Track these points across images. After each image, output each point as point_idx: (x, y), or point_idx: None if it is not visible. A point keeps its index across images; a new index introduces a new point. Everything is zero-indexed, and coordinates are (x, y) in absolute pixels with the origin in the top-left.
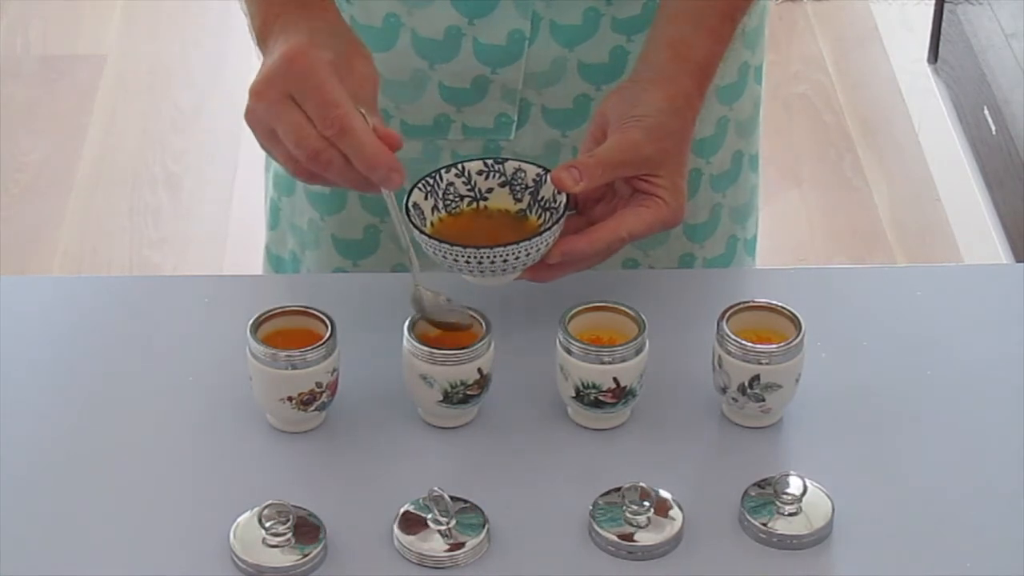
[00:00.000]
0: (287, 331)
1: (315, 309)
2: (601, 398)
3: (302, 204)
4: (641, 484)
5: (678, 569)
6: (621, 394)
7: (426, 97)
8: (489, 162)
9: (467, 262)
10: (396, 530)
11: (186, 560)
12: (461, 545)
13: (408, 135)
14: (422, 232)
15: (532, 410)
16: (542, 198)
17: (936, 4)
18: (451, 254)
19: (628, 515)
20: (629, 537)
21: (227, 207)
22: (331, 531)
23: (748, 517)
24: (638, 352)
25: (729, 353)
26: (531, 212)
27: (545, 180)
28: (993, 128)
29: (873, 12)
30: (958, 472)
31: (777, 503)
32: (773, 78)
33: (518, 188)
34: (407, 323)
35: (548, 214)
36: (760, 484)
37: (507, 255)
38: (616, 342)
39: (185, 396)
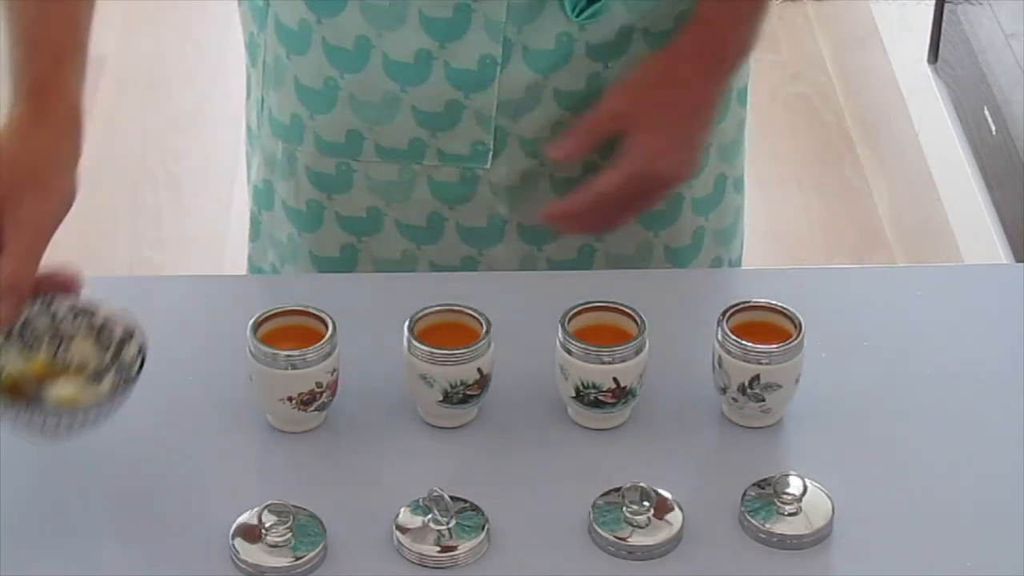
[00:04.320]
0: (287, 331)
1: (315, 309)
2: (601, 398)
3: (281, 219)
4: (641, 484)
5: (678, 569)
6: (621, 394)
7: (399, 120)
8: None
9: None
10: (396, 530)
11: (186, 560)
12: (461, 545)
13: (383, 158)
14: None
15: (532, 410)
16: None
17: (936, 4)
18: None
19: (628, 515)
20: (629, 537)
21: (227, 207)
22: (331, 531)
23: (748, 517)
24: (638, 352)
25: (729, 353)
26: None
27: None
28: (993, 128)
29: (873, 12)
30: (958, 472)
31: (777, 503)
32: (773, 78)
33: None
34: (407, 323)
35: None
36: (760, 484)
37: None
38: (616, 342)
39: (185, 396)
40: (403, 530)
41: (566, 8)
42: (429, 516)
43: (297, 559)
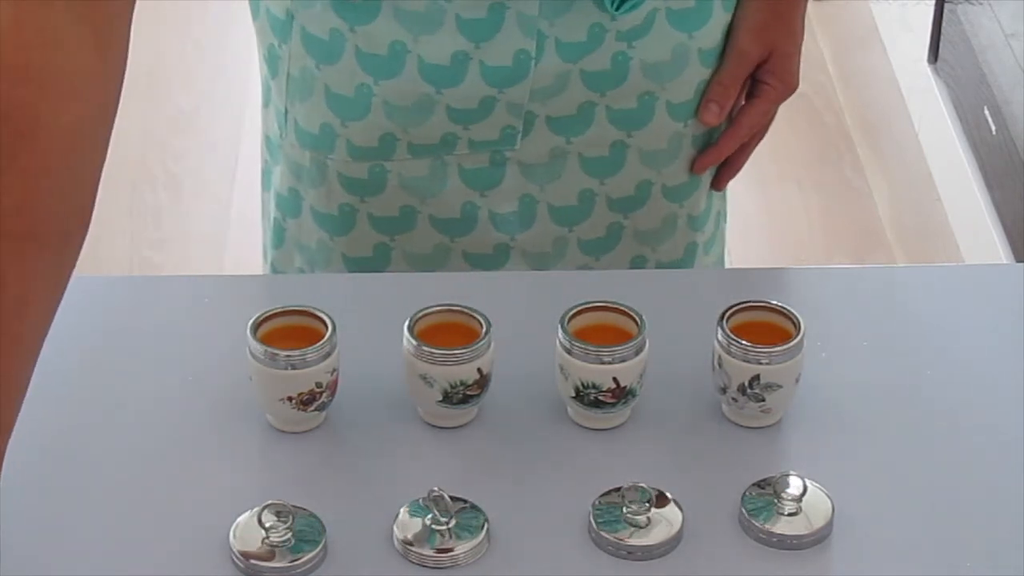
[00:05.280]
0: (287, 331)
1: (315, 309)
2: (601, 398)
3: (309, 225)
4: (641, 484)
5: (678, 569)
6: (621, 394)
7: (434, 119)
8: None
9: None
10: (396, 530)
11: (186, 560)
12: (461, 545)
13: (415, 155)
14: None
15: (532, 410)
16: None
17: (936, 4)
18: None
19: (628, 515)
20: (629, 537)
21: (227, 207)
22: (331, 531)
23: (748, 517)
24: (638, 352)
25: (729, 353)
26: None
27: None
28: (993, 128)
29: (873, 12)
30: (958, 472)
31: (777, 503)
32: None
33: None
34: (407, 323)
35: None
36: (760, 484)
37: None
38: (616, 342)
39: (185, 396)
40: (403, 530)
41: (605, 3)
42: (429, 516)
43: (297, 559)
